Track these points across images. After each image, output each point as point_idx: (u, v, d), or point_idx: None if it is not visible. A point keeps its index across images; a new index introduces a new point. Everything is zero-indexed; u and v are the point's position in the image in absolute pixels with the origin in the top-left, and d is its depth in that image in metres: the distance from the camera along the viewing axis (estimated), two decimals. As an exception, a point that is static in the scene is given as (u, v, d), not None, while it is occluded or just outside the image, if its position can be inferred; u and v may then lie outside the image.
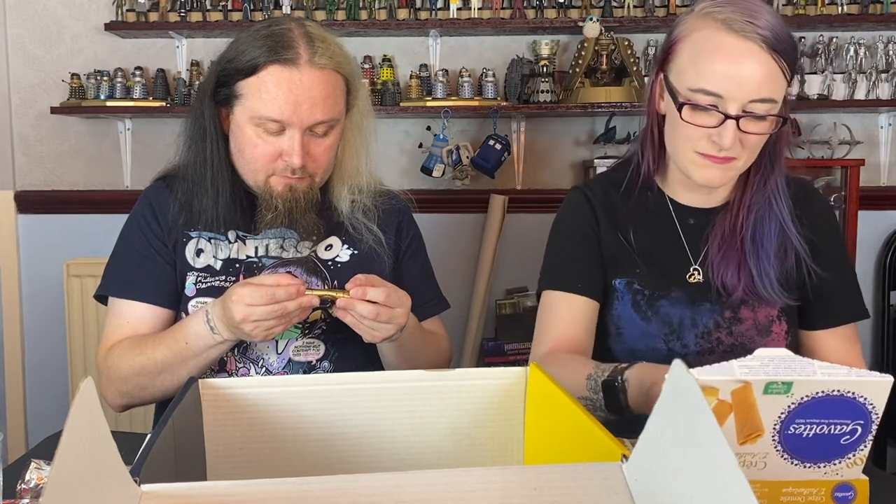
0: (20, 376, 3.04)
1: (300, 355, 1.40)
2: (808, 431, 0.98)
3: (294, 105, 1.31)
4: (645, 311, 1.35)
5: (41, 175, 3.01)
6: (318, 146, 1.36)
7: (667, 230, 1.37)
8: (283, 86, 1.31)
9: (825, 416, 0.97)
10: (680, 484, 0.57)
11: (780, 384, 0.94)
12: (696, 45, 1.23)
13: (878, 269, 2.99)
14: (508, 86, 2.81)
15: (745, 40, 1.19)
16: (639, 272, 1.36)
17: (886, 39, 2.82)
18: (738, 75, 1.19)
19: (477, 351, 2.89)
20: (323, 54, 1.33)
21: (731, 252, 1.31)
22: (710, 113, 1.21)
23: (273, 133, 1.33)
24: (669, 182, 1.39)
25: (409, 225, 1.55)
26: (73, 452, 0.52)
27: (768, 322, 1.34)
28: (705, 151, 1.24)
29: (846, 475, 1.01)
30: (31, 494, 0.94)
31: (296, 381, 0.94)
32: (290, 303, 1.20)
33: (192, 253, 1.41)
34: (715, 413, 1.01)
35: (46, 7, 2.95)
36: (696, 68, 1.22)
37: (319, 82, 1.32)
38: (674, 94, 1.26)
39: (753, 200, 1.32)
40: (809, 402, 0.96)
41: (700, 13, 1.24)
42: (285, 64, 1.31)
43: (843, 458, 1.00)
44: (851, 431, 0.99)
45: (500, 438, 0.95)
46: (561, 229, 1.44)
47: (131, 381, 1.35)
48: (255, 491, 0.60)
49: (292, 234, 1.43)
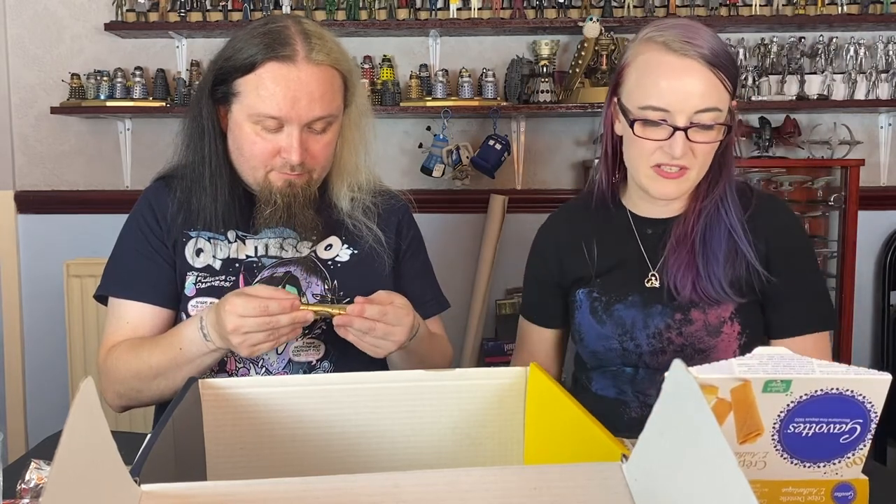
0: (20, 376, 3.04)
1: (300, 355, 1.40)
2: (808, 430, 0.99)
3: (292, 101, 1.31)
4: (601, 315, 1.45)
5: (41, 175, 3.01)
6: (316, 143, 1.36)
7: (627, 240, 1.46)
8: (281, 83, 1.31)
9: (824, 414, 0.98)
10: (680, 484, 0.57)
11: (780, 382, 0.95)
12: (641, 67, 1.34)
13: (878, 269, 2.99)
14: (508, 86, 2.81)
15: (684, 58, 1.30)
16: (598, 281, 1.47)
17: (886, 39, 2.82)
18: (682, 90, 1.30)
19: (477, 351, 2.89)
20: (320, 51, 1.33)
21: (683, 255, 1.39)
22: (660, 127, 1.32)
23: (271, 130, 1.33)
24: (629, 196, 1.48)
25: (408, 224, 1.55)
26: (73, 452, 0.52)
27: (719, 323, 1.38)
28: (659, 162, 1.34)
29: (846, 475, 1.01)
30: (31, 494, 0.94)
31: (296, 381, 0.94)
32: (283, 316, 1.17)
33: (191, 253, 1.41)
34: (714, 412, 1.02)
35: (46, 7, 2.95)
36: (642, 88, 1.33)
37: (317, 78, 1.32)
38: (626, 114, 1.36)
39: (703, 206, 1.40)
40: (808, 401, 0.97)
41: (643, 39, 1.36)
42: (283, 61, 1.31)
43: (843, 458, 1.00)
44: (850, 430, 1.00)
45: (500, 438, 0.95)
46: (529, 262, 1.60)
47: (127, 383, 1.35)
48: (255, 491, 0.60)
49: (292, 233, 1.43)
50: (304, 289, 1.41)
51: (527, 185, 2.98)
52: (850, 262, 2.72)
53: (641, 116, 1.33)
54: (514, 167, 2.94)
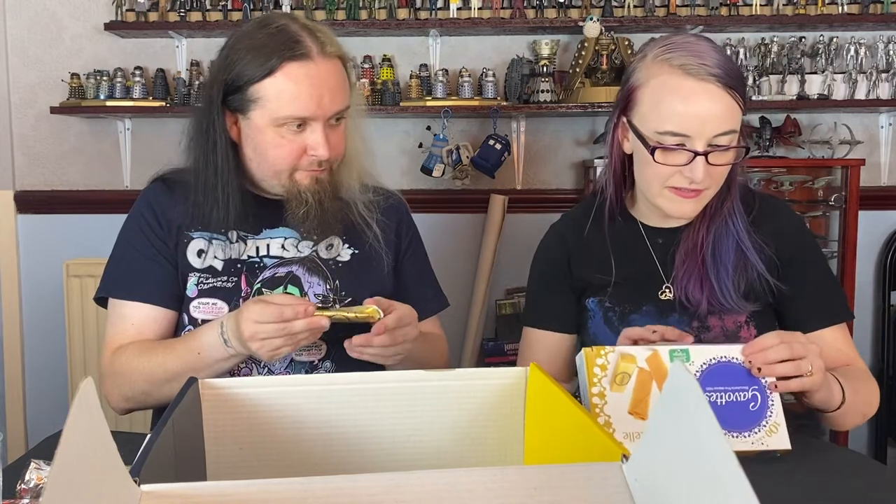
0: (20, 376, 3.04)
1: (302, 355, 1.40)
2: (720, 400, 1.13)
3: (318, 99, 1.31)
4: (617, 325, 1.42)
5: (41, 175, 3.01)
6: (336, 135, 1.37)
7: (639, 251, 1.45)
8: (303, 81, 1.30)
9: (726, 383, 1.13)
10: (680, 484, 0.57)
11: (680, 351, 1.13)
12: (656, 91, 1.32)
13: (878, 269, 2.99)
14: (508, 86, 2.81)
15: (702, 82, 1.28)
16: (611, 292, 1.44)
17: (886, 39, 2.82)
18: (700, 114, 1.28)
19: (477, 351, 2.88)
20: (330, 43, 1.34)
21: (693, 268, 1.39)
22: (679, 152, 1.30)
23: (295, 131, 1.33)
24: (639, 208, 1.47)
25: (408, 223, 1.55)
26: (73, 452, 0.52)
27: (736, 328, 1.39)
28: (678, 185, 1.33)
29: (771, 444, 1.13)
30: (31, 494, 0.94)
31: (296, 381, 0.94)
32: (298, 322, 1.19)
33: (193, 254, 1.41)
34: (639, 382, 1.14)
35: (46, 7, 2.95)
36: (659, 112, 1.31)
37: (333, 72, 1.33)
38: (642, 138, 1.34)
39: (712, 220, 1.40)
40: (710, 370, 1.13)
41: (655, 60, 1.33)
42: (300, 59, 1.30)
43: (759, 425, 1.12)
44: (753, 398, 1.13)
45: (500, 438, 0.95)
46: (536, 271, 1.55)
47: (137, 386, 1.34)
48: (255, 491, 0.60)
49: (293, 233, 1.43)
50: (306, 289, 1.41)
51: (527, 185, 2.97)
52: (850, 262, 2.72)
53: (661, 142, 1.31)
54: (514, 167, 2.94)
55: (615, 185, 1.45)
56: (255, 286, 1.40)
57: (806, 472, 1.10)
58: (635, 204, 1.48)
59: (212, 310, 1.39)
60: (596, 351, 1.14)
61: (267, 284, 1.40)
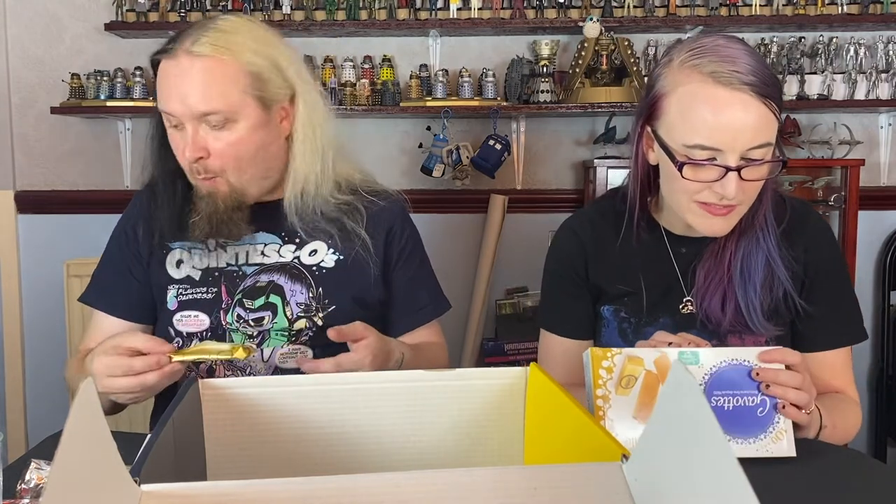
0: (20, 376, 3.04)
1: (287, 363, 1.37)
2: (728, 404, 1.09)
3: (180, 97, 1.28)
4: (631, 338, 1.36)
5: (41, 175, 3.01)
6: (217, 140, 1.30)
7: (661, 260, 1.37)
8: (169, 80, 1.30)
9: (735, 387, 1.09)
10: (680, 484, 0.57)
11: (689, 354, 1.10)
12: (684, 101, 1.20)
13: (878, 269, 2.99)
14: (508, 86, 2.81)
15: (734, 91, 1.16)
16: (626, 300, 1.37)
17: (886, 39, 2.82)
18: (733, 126, 1.16)
19: (477, 351, 2.89)
20: (205, 43, 1.28)
21: (719, 285, 1.30)
22: (709, 168, 1.19)
23: (178, 129, 1.32)
24: (664, 215, 1.38)
25: (401, 228, 1.48)
26: (73, 452, 0.52)
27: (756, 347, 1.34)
28: (707, 201, 1.22)
29: (775, 451, 1.10)
30: (31, 494, 0.94)
31: (296, 381, 0.94)
32: (150, 375, 1.14)
33: (172, 265, 1.40)
34: (645, 385, 1.11)
35: (46, 7, 2.95)
36: (688, 124, 1.19)
37: (198, 71, 1.28)
38: (668, 150, 1.23)
39: (742, 234, 1.30)
40: (719, 373, 1.09)
41: (682, 66, 1.21)
42: (168, 56, 1.31)
43: (765, 431, 1.09)
44: (762, 402, 1.09)
45: (500, 438, 0.95)
46: (550, 271, 1.46)
47: None
48: (256, 491, 0.60)
49: (274, 238, 1.41)
50: (288, 298, 1.38)
51: (527, 185, 2.97)
52: (850, 262, 2.72)
53: (689, 156, 1.20)
54: (514, 167, 2.94)
55: (640, 192, 1.35)
56: (235, 296, 1.38)
57: (806, 472, 1.09)
58: (660, 210, 1.38)
59: (195, 322, 1.37)
60: (603, 352, 1.10)
61: (248, 294, 1.38)
